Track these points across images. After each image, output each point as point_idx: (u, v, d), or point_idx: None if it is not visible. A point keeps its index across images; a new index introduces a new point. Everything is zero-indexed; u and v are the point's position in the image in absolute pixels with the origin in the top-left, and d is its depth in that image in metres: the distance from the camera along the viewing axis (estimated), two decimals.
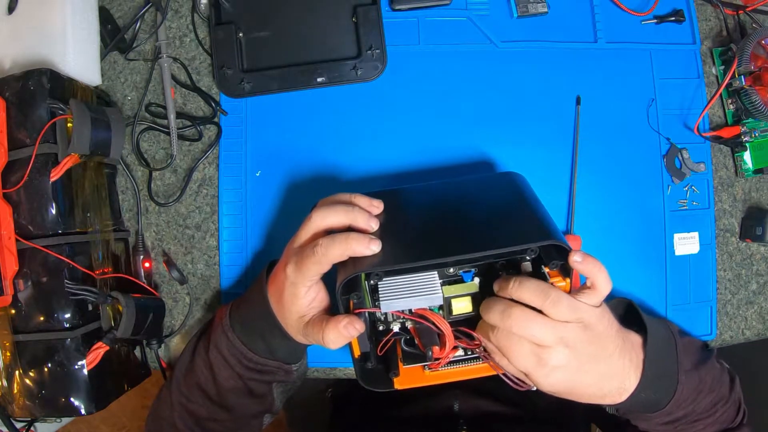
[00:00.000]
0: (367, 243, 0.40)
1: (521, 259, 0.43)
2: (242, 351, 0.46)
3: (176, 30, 0.59)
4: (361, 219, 0.42)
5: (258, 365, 0.47)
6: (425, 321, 0.42)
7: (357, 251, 0.40)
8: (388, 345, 0.45)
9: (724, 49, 0.59)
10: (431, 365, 0.44)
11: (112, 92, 0.58)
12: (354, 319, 0.41)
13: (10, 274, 0.45)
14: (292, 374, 0.49)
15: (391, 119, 0.57)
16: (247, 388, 0.48)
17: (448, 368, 0.45)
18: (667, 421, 0.46)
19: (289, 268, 0.42)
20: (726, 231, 0.60)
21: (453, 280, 0.44)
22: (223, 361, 0.47)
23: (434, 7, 0.58)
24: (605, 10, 0.60)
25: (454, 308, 0.43)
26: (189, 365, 0.49)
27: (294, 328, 0.44)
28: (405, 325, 0.44)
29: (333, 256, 0.40)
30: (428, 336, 0.42)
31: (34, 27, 0.52)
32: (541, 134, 0.58)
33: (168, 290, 0.57)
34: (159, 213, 0.57)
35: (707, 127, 0.59)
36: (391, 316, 0.44)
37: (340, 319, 0.41)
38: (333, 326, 0.41)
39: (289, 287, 0.42)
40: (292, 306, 0.43)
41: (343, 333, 0.40)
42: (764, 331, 0.60)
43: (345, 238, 0.40)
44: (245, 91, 0.56)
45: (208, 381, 0.48)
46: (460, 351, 0.44)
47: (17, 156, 0.46)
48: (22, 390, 0.46)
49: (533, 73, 0.58)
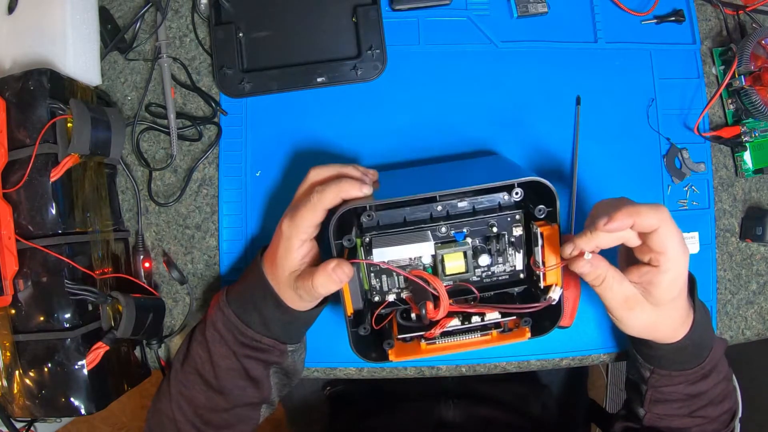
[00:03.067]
0: (360, 185, 0.41)
1: (512, 220, 0.43)
2: (237, 324, 0.47)
3: (176, 30, 0.59)
4: (354, 172, 0.45)
5: (253, 341, 0.47)
6: (419, 281, 0.42)
7: (350, 193, 0.41)
8: (385, 322, 0.46)
9: (724, 49, 0.59)
10: (427, 335, 0.45)
11: (112, 92, 0.58)
12: (343, 262, 0.41)
13: (10, 274, 0.45)
14: (287, 356, 0.49)
15: (391, 119, 0.57)
16: (243, 369, 0.48)
17: (445, 341, 0.45)
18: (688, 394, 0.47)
19: (285, 222, 0.43)
20: (726, 231, 0.60)
21: (445, 241, 0.44)
22: (219, 337, 0.47)
23: (434, 7, 0.58)
24: (605, 10, 0.60)
25: (448, 267, 0.43)
26: (186, 353, 0.50)
27: (286, 285, 0.44)
28: (401, 297, 0.45)
29: (327, 199, 0.41)
30: (423, 296, 0.43)
31: (34, 27, 0.52)
32: (541, 134, 0.58)
33: (168, 290, 0.57)
34: (159, 213, 0.57)
35: (707, 127, 0.59)
36: (386, 284, 0.45)
37: (330, 262, 0.41)
38: (322, 269, 0.41)
39: (284, 242, 0.43)
40: (284, 261, 0.44)
41: (332, 276, 0.40)
42: (764, 331, 0.60)
43: (338, 181, 0.42)
44: (245, 91, 0.56)
45: (205, 363, 0.48)
46: (456, 321, 0.45)
47: (17, 156, 0.46)
48: (22, 390, 0.46)
49: (533, 73, 0.58)
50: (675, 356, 0.46)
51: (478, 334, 0.45)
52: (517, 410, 0.64)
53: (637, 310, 0.43)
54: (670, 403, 0.48)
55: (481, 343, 0.46)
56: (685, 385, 0.47)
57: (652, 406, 0.49)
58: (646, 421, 0.49)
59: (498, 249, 0.44)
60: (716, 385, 0.48)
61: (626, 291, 0.42)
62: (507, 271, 0.46)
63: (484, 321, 0.45)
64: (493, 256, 0.45)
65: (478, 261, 0.44)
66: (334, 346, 0.56)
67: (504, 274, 0.46)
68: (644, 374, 0.49)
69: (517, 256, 0.45)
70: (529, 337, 0.46)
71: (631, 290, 0.42)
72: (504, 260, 0.45)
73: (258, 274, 0.46)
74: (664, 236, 0.39)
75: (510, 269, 0.46)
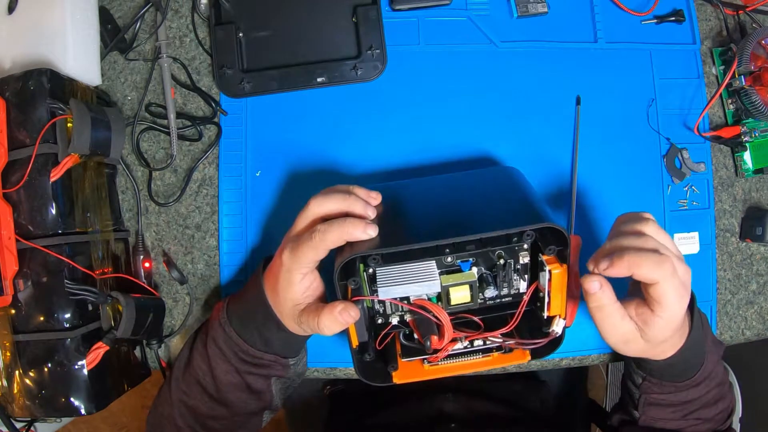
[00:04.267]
0: (364, 227, 0.40)
1: (519, 249, 0.43)
2: (238, 343, 0.46)
3: (176, 30, 0.59)
4: (358, 206, 0.42)
5: (255, 358, 0.47)
6: (423, 311, 0.42)
7: (354, 235, 0.40)
8: (387, 340, 0.45)
9: (724, 49, 0.59)
10: (430, 359, 0.44)
11: (112, 92, 0.58)
12: (350, 305, 0.40)
13: (10, 274, 0.45)
14: (289, 369, 0.49)
15: (391, 119, 0.57)
16: (245, 383, 0.48)
17: (448, 362, 0.45)
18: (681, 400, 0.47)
19: (285, 254, 0.42)
20: (726, 231, 0.60)
21: (451, 270, 0.43)
22: (221, 354, 0.47)
23: (434, 7, 0.58)
24: (605, 10, 0.60)
25: (453, 297, 0.42)
26: (187, 361, 0.50)
27: (289, 316, 0.44)
28: (404, 318, 0.44)
29: (330, 240, 0.40)
30: (427, 327, 0.42)
31: (34, 27, 0.52)
32: (541, 134, 0.58)
33: (168, 290, 0.57)
34: (159, 213, 0.57)
35: (707, 127, 0.59)
36: (390, 308, 0.44)
37: (336, 305, 0.40)
38: (328, 311, 0.40)
39: (284, 274, 0.43)
40: (286, 293, 0.43)
41: (338, 318, 0.40)
42: (764, 331, 0.60)
43: (342, 223, 0.40)
44: (245, 91, 0.56)
45: (206, 376, 0.48)
46: (459, 344, 0.44)
47: (17, 156, 0.46)
48: (22, 390, 0.46)
49: (533, 73, 0.58)
50: (665, 370, 0.46)
51: (480, 356, 0.45)
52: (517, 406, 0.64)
53: (631, 344, 0.43)
54: (663, 408, 0.48)
55: (482, 364, 0.46)
56: (676, 393, 0.47)
57: (645, 410, 0.49)
58: (641, 422, 0.50)
59: (504, 277, 0.44)
60: (709, 391, 0.48)
61: (625, 328, 0.42)
62: (511, 294, 0.46)
63: (487, 344, 0.45)
64: (498, 286, 0.44)
65: (484, 293, 0.44)
66: (334, 346, 0.56)
67: (507, 297, 0.46)
68: (636, 380, 0.49)
69: (521, 281, 0.45)
70: (529, 360, 0.47)
71: (630, 328, 0.42)
72: (509, 286, 0.45)
73: (259, 295, 0.45)
74: (663, 290, 0.39)
75: (514, 292, 0.45)
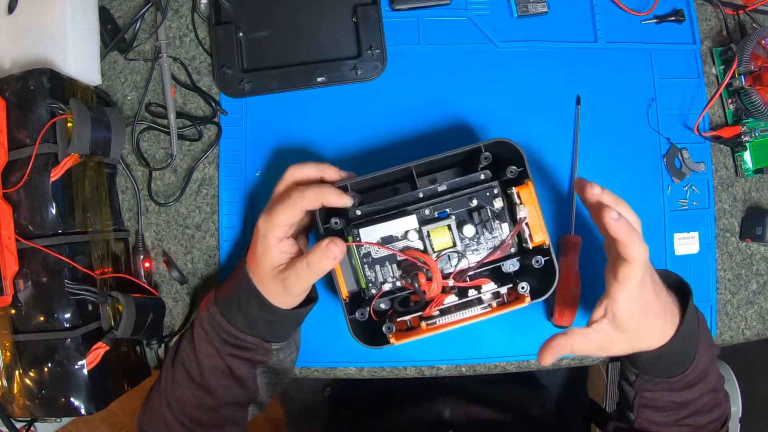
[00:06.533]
0: (340, 195, 0.43)
1: (491, 195, 0.46)
2: (221, 323, 0.47)
3: (176, 30, 0.59)
4: (332, 172, 0.46)
5: (237, 340, 0.47)
6: (410, 257, 0.44)
7: (330, 200, 0.42)
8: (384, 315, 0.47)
9: (724, 49, 0.59)
10: (424, 314, 0.45)
11: (112, 92, 0.58)
12: (336, 239, 0.41)
13: (10, 274, 0.45)
14: (272, 354, 0.49)
15: (391, 119, 0.57)
16: (228, 368, 0.48)
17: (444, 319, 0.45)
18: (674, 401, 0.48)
19: (261, 220, 0.44)
20: (726, 231, 0.60)
21: (430, 220, 0.46)
22: (205, 336, 0.48)
23: (434, 7, 0.58)
24: (605, 10, 0.60)
25: (435, 243, 0.46)
26: (176, 351, 0.50)
27: (270, 279, 0.44)
28: (396, 285, 0.46)
29: (306, 202, 0.42)
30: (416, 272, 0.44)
31: (34, 27, 0.52)
32: (541, 134, 0.58)
33: (168, 290, 0.57)
34: (159, 213, 0.57)
35: (707, 127, 0.59)
36: (381, 275, 0.46)
37: (323, 240, 0.41)
38: (316, 247, 0.41)
39: (261, 239, 0.44)
40: (264, 258, 0.44)
41: (326, 252, 0.41)
42: (764, 331, 0.60)
43: (320, 186, 0.42)
44: (245, 91, 0.56)
45: (191, 362, 0.48)
46: (453, 297, 0.45)
47: (17, 156, 0.46)
48: (22, 390, 0.46)
49: (533, 73, 0.58)
50: (655, 362, 0.47)
51: (478, 309, 0.45)
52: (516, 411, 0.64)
53: (612, 347, 0.45)
54: (657, 410, 0.49)
55: (480, 316, 0.45)
56: (669, 392, 0.48)
57: (640, 411, 0.49)
58: (636, 425, 0.50)
59: (481, 219, 0.46)
60: (702, 396, 0.48)
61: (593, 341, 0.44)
62: (496, 241, 0.47)
63: (481, 293, 0.45)
64: (477, 226, 0.46)
65: (464, 232, 0.46)
66: (334, 346, 0.56)
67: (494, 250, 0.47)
68: (630, 377, 0.50)
69: (503, 227, 0.47)
70: (530, 301, 0.46)
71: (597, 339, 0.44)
72: (490, 230, 0.47)
73: (242, 273, 0.46)
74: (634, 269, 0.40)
75: (499, 241, 0.47)
